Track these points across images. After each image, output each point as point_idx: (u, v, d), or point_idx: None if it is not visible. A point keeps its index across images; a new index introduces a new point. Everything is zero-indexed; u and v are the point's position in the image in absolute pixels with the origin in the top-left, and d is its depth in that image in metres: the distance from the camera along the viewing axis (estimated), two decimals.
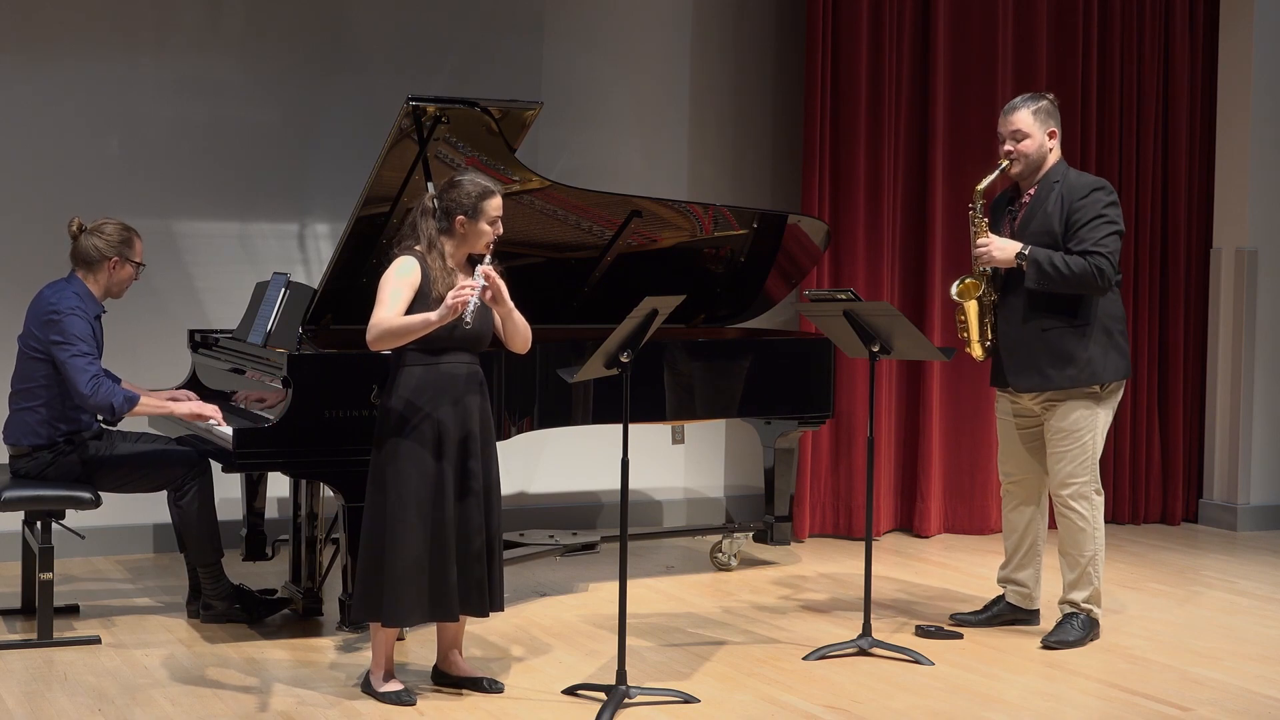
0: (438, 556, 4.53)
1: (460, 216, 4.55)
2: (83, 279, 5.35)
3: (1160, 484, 8.07)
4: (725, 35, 7.56)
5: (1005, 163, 5.37)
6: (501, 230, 4.62)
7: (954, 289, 5.42)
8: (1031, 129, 5.33)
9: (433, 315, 4.43)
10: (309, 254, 6.89)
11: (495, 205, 4.58)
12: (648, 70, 7.44)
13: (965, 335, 5.45)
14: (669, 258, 6.41)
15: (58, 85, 6.51)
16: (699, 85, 7.53)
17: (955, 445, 7.59)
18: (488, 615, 4.69)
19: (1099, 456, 5.39)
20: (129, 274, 5.40)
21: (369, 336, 4.51)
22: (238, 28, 6.78)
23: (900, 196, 7.51)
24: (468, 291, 4.40)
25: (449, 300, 4.39)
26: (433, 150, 5.37)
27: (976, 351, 5.45)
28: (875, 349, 5.22)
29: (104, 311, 5.38)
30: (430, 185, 5.30)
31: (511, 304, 4.58)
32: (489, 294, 4.47)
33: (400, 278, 4.52)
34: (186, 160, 6.72)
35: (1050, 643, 5.35)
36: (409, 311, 4.50)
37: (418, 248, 4.58)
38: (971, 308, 5.40)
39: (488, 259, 4.54)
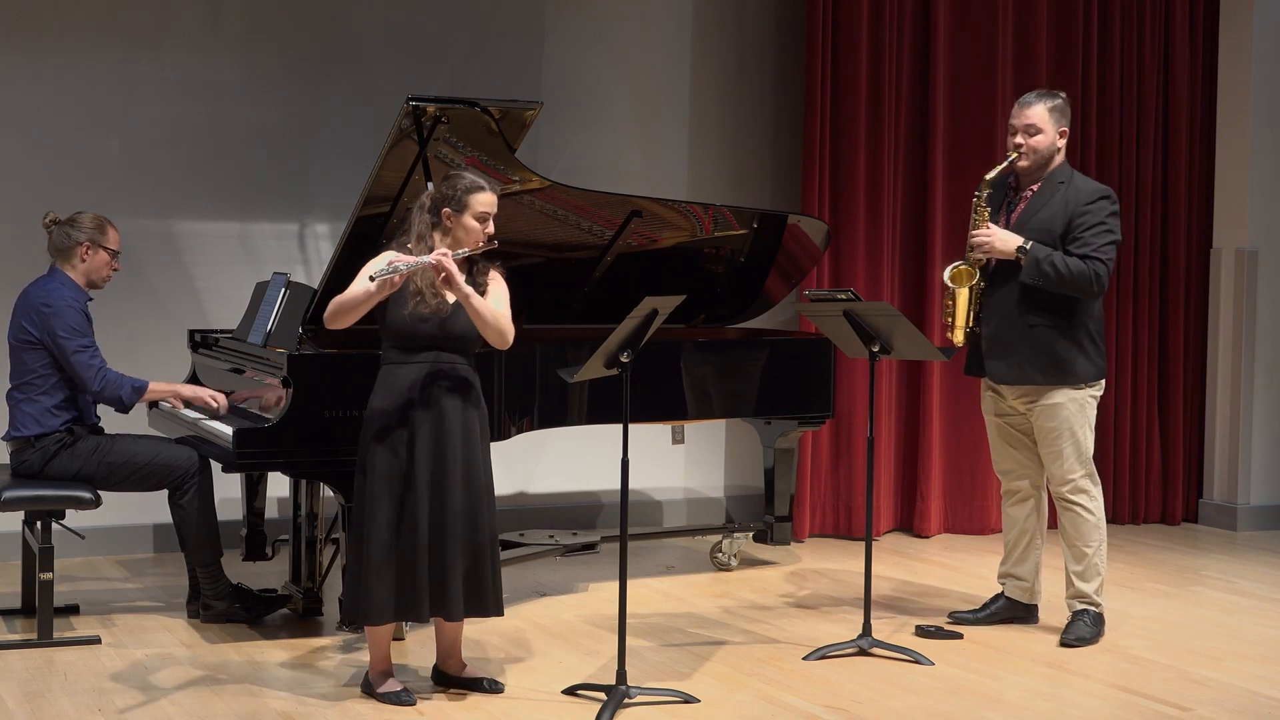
0: (403, 556, 4.49)
1: (446, 209, 4.54)
2: (63, 269, 5.39)
3: (1160, 484, 8.07)
4: (725, 35, 7.56)
5: (1014, 155, 5.35)
6: (492, 230, 4.56)
7: (947, 274, 5.42)
8: (1045, 125, 5.32)
9: (372, 286, 4.39)
10: (309, 254, 6.89)
11: (482, 200, 4.53)
12: (648, 70, 7.44)
13: (950, 320, 5.45)
14: (669, 258, 6.41)
15: (57, 85, 6.51)
16: (699, 85, 7.53)
17: (955, 445, 7.59)
18: (460, 620, 4.60)
19: (1091, 448, 5.41)
20: (104, 260, 5.42)
21: (324, 315, 4.51)
22: (238, 28, 6.78)
23: (900, 196, 7.50)
24: (404, 261, 4.39)
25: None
26: (433, 150, 5.37)
27: (958, 337, 5.46)
28: (875, 349, 5.22)
29: (90, 299, 5.42)
30: (430, 185, 5.31)
31: (468, 290, 4.43)
32: (441, 276, 4.39)
33: (370, 265, 4.50)
34: (186, 160, 6.72)
35: (1069, 641, 5.35)
36: (383, 308, 4.50)
37: (408, 243, 4.56)
38: (962, 295, 5.41)
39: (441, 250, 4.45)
